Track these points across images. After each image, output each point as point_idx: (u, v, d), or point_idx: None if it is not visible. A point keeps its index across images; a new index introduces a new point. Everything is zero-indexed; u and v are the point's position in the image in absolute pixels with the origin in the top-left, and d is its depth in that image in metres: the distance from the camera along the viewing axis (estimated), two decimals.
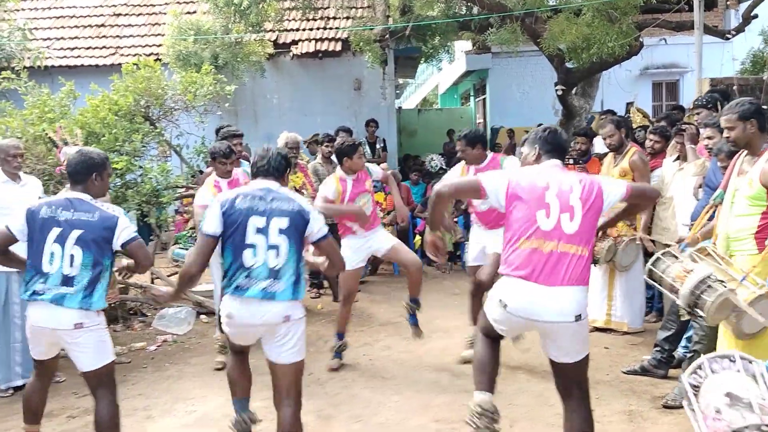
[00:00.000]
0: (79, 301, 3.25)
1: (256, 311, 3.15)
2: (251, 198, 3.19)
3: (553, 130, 3.27)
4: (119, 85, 6.54)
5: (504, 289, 3.00)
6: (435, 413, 4.15)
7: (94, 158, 3.46)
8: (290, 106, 11.31)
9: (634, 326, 5.53)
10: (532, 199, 2.97)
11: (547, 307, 2.88)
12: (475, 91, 18.55)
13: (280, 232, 3.14)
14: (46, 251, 3.28)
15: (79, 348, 3.30)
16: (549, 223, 2.93)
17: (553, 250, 2.90)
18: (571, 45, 8.40)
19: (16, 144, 5.01)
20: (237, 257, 3.14)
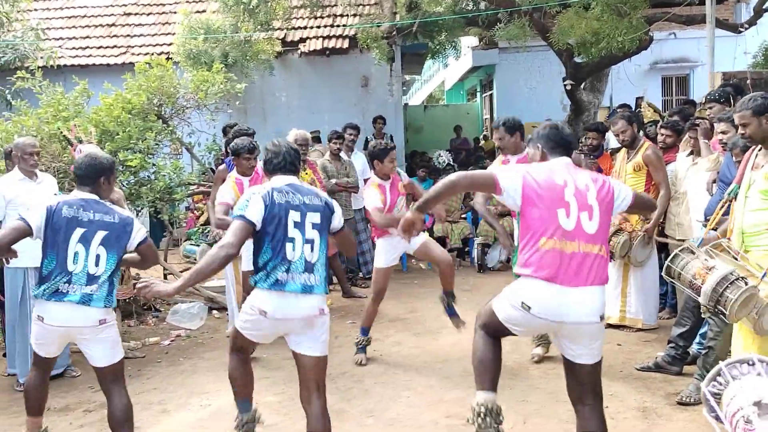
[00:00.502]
0: (103, 300, 3.38)
1: (297, 305, 3.17)
2: (285, 193, 3.21)
3: (554, 125, 3.20)
4: (132, 84, 6.59)
5: (526, 291, 2.89)
6: (446, 408, 4.17)
7: (104, 162, 3.56)
8: (298, 104, 11.34)
9: (649, 323, 5.53)
10: (551, 197, 2.88)
11: (575, 308, 2.83)
12: (482, 87, 18.52)
13: (314, 227, 3.21)
14: (71, 251, 3.35)
15: (100, 344, 3.42)
16: (570, 222, 2.86)
17: (575, 251, 2.84)
18: (580, 39, 8.38)
19: (33, 142, 5.06)
20: (278, 252, 3.14)
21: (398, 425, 4.00)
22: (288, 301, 3.15)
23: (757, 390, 2.39)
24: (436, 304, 6.79)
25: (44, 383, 3.75)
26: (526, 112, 14.71)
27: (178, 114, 6.91)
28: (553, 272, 2.82)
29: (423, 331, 5.90)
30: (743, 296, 3.06)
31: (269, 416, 4.20)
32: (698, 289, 3.29)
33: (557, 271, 2.82)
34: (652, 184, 5.41)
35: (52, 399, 4.68)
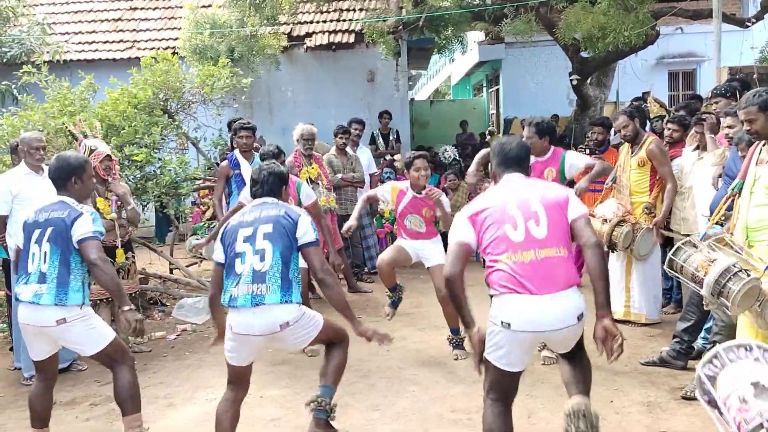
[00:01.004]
0: (53, 298, 3.31)
1: (252, 320, 3.26)
2: (242, 214, 3.36)
3: (502, 142, 3.18)
4: (138, 79, 6.60)
5: (501, 309, 2.84)
6: (452, 403, 4.17)
7: (72, 162, 3.55)
8: (304, 99, 11.34)
9: (652, 317, 5.52)
10: (496, 216, 2.91)
11: (550, 315, 2.80)
12: (488, 82, 18.48)
13: (264, 236, 3.26)
14: (30, 251, 3.42)
15: (74, 339, 3.42)
16: (518, 234, 2.87)
17: (534, 259, 2.83)
18: (586, 34, 8.35)
19: (39, 137, 5.09)
20: (230, 269, 3.31)
21: (403, 419, 4.00)
22: (244, 316, 3.16)
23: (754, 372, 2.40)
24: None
25: (45, 392, 3.65)
26: (532, 108, 14.75)
27: (184, 109, 6.92)
28: (519, 284, 2.80)
29: (428, 326, 5.90)
30: (746, 287, 3.06)
31: (273, 410, 4.22)
32: (701, 281, 3.29)
33: (522, 282, 2.80)
34: (656, 179, 5.39)
35: (58, 393, 4.70)
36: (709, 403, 2.51)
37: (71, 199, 3.49)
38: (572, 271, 2.89)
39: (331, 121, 9.70)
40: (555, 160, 4.67)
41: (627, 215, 5.42)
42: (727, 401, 2.37)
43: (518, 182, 3.05)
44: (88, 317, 3.45)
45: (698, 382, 2.56)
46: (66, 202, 3.47)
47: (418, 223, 5.01)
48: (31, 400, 3.67)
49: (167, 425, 4.10)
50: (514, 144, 3.15)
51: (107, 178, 5.12)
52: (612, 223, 5.35)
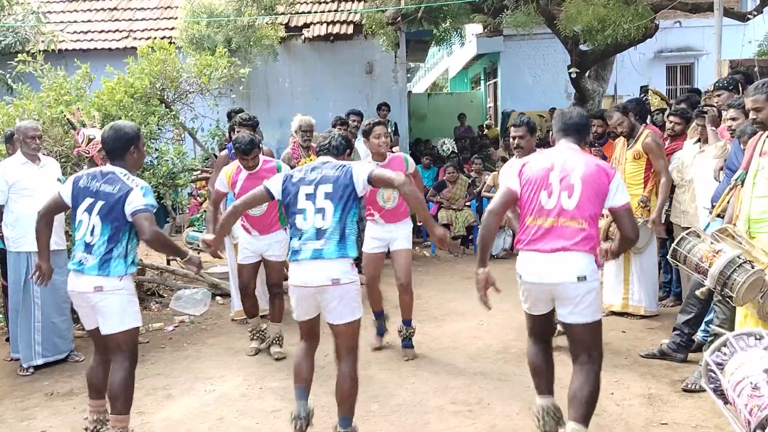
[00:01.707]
0: (96, 268, 3.36)
1: (309, 273, 3.45)
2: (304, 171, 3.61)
3: (566, 110, 3.45)
4: (134, 68, 6.53)
5: (519, 263, 3.28)
6: (452, 395, 4.16)
7: (128, 132, 3.51)
8: (302, 90, 11.28)
9: (650, 309, 5.52)
10: (537, 181, 3.22)
11: (550, 270, 3.12)
12: (486, 75, 18.42)
13: (326, 196, 3.42)
14: (77, 219, 3.46)
15: (99, 311, 3.42)
16: (551, 202, 3.17)
17: (554, 225, 3.15)
18: (586, 27, 8.31)
19: (35, 126, 5.03)
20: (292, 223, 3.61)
21: (404, 411, 3.99)
22: (304, 269, 3.34)
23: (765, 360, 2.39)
24: (439, 292, 6.82)
25: (100, 365, 3.62)
26: (530, 101, 14.74)
27: (181, 99, 6.85)
28: (533, 243, 3.18)
29: (427, 318, 5.89)
30: (751, 279, 3.05)
31: (273, 402, 4.20)
32: (704, 272, 3.28)
33: (536, 241, 3.17)
34: (651, 172, 5.38)
35: (55, 384, 4.70)
36: (715, 391, 2.49)
37: (122, 170, 3.45)
38: (586, 240, 3.12)
39: (329, 113, 9.64)
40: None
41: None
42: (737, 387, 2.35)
43: (569, 153, 3.29)
44: (125, 293, 3.45)
45: (705, 369, 2.54)
46: (117, 174, 3.43)
47: (392, 196, 4.79)
48: (87, 374, 3.69)
49: (166, 416, 4.08)
50: (575, 113, 3.42)
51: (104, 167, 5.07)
52: (609, 219, 5.34)
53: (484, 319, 5.64)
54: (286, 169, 4.84)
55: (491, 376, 4.43)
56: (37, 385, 4.73)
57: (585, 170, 3.17)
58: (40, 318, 4.94)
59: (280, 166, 5.03)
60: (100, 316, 3.43)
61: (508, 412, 3.86)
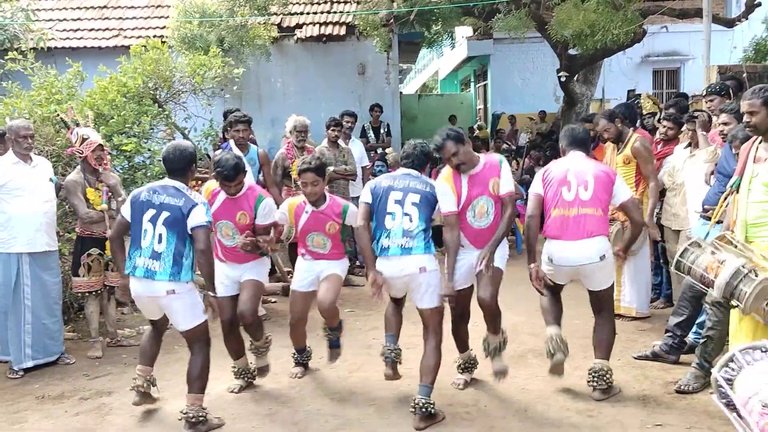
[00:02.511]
0: (167, 275, 3.74)
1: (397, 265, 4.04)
2: (391, 179, 4.20)
3: (573, 127, 4.35)
4: (127, 67, 6.48)
5: (549, 249, 4.10)
6: (449, 398, 4.16)
7: (190, 151, 3.94)
8: (294, 90, 11.25)
9: (642, 311, 5.56)
10: (557, 181, 4.08)
11: (578, 255, 3.98)
12: (476, 77, 18.51)
13: (412, 204, 4.01)
14: (143, 229, 3.80)
15: (174, 312, 3.87)
16: (570, 195, 4.02)
17: (577, 214, 3.97)
18: (576, 31, 8.39)
19: (27, 125, 4.97)
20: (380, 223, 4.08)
21: (401, 413, 3.99)
22: (393, 263, 3.96)
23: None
24: None
25: (155, 338, 4.16)
26: (519, 103, 14.83)
27: (174, 98, 6.81)
28: (561, 232, 4.01)
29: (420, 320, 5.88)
30: (758, 288, 3.09)
31: (269, 405, 4.20)
32: (710, 283, 3.31)
33: (563, 231, 4.00)
34: (642, 176, 5.43)
35: (46, 387, 4.65)
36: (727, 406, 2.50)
37: (183, 185, 3.84)
38: (602, 225, 4.01)
39: (321, 113, 9.62)
40: (496, 169, 4.00)
41: (615, 213, 5.45)
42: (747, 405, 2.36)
43: (580, 160, 4.16)
44: (194, 293, 3.88)
45: (715, 385, 2.56)
46: (180, 189, 3.82)
47: (322, 242, 4.35)
48: (142, 344, 4.18)
49: (158, 419, 4.05)
50: (581, 129, 4.34)
51: (98, 168, 5.04)
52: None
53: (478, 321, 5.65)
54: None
55: (486, 379, 4.44)
56: (28, 388, 4.67)
57: (594, 171, 4.07)
58: (30, 320, 4.89)
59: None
60: (174, 316, 3.89)
61: (505, 414, 3.88)
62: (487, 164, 4.01)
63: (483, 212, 3.98)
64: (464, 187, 3.97)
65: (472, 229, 4.01)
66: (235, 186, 4.21)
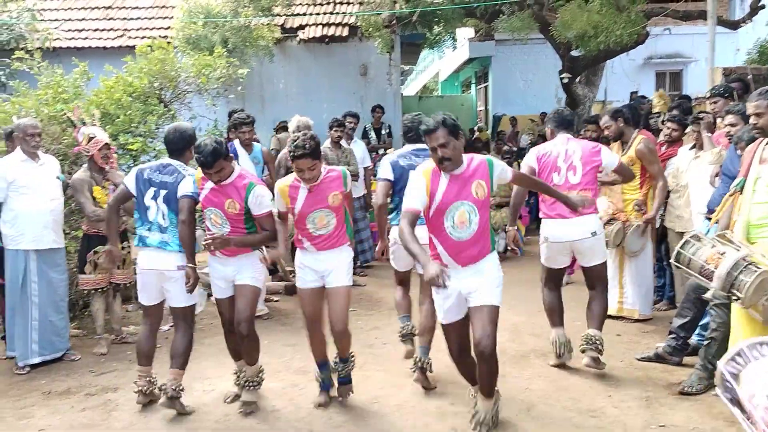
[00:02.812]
0: (178, 246, 3.97)
1: None
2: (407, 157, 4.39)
3: (559, 110, 4.82)
4: (133, 67, 6.51)
5: (544, 229, 4.56)
6: (452, 397, 4.18)
7: (189, 133, 4.13)
8: (297, 91, 11.28)
9: (644, 313, 5.58)
10: (549, 165, 4.52)
11: (572, 232, 4.39)
12: (477, 79, 18.51)
13: None
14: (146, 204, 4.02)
15: (174, 288, 4.03)
16: (560, 179, 4.45)
17: None
18: (579, 33, 8.41)
19: (35, 123, 5.01)
20: None
21: (404, 411, 4.01)
22: None
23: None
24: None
25: (151, 335, 4.22)
26: (521, 105, 14.83)
27: (179, 98, 6.84)
28: (555, 212, 4.42)
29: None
30: (759, 279, 3.10)
31: (274, 401, 4.22)
32: (709, 275, 3.33)
33: (557, 210, 4.38)
34: (647, 176, 5.45)
35: (52, 383, 4.68)
36: (731, 401, 2.51)
37: (180, 163, 4.07)
38: (591, 204, 4.31)
39: (323, 114, 9.66)
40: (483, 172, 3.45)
41: (617, 213, 5.48)
42: (753, 400, 2.37)
43: (569, 142, 4.55)
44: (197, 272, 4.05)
45: (720, 379, 2.57)
46: (175, 166, 4.05)
47: (325, 221, 3.92)
48: (138, 343, 4.27)
49: (163, 414, 4.07)
50: (566, 112, 4.81)
51: (105, 166, 5.07)
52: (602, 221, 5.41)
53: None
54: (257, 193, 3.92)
55: None
56: (34, 383, 4.71)
57: (582, 153, 4.46)
58: (37, 316, 4.92)
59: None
60: (172, 291, 4.04)
61: (508, 413, 3.89)
62: (472, 165, 3.42)
63: (464, 221, 3.37)
64: (441, 187, 3.37)
65: (451, 241, 3.40)
66: (216, 173, 3.82)
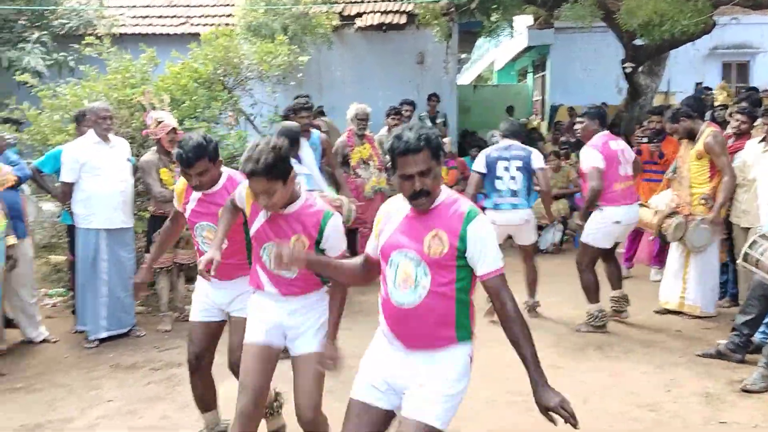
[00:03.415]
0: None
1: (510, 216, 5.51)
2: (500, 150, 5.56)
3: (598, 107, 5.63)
4: (198, 54, 6.67)
5: (616, 214, 5.18)
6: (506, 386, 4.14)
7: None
8: (353, 79, 11.32)
9: (707, 311, 5.44)
10: (614, 159, 5.21)
11: (633, 215, 5.29)
12: (534, 68, 18.21)
13: (517, 168, 5.38)
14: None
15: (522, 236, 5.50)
16: (623, 170, 5.24)
17: (629, 186, 5.28)
18: (644, 21, 8.18)
19: (106, 107, 5.22)
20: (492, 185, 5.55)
21: None
22: (506, 214, 5.39)
23: None
24: None
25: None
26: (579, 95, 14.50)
27: (241, 84, 6.99)
28: (625, 199, 5.21)
29: (476, 310, 5.90)
30: None
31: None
32: None
33: (625, 197, 5.21)
34: (717, 171, 5.29)
35: (120, 357, 4.90)
36: None
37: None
38: (636, 192, 5.55)
39: (378, 102, 9.68)
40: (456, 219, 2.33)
41: (680, 207, 5.35)
42: None
43: (619, 141, 5.42)
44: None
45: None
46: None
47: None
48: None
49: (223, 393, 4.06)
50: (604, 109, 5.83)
51: (171, 149, 5.22)
52: (661, 215, 5.31)
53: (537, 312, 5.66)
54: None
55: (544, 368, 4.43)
56: (102, 357, 4.94)
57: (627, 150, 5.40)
58: (106, 293, 5.14)
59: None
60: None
61: None
62: (445, 204, 2.37)
63: (407, 280, 2.33)
64: (391, 226, 2.42)
65: (390, 305, 2.38)
66: (197, 176, 3.06)
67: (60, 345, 5.23)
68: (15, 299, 5.16)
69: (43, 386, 4.42)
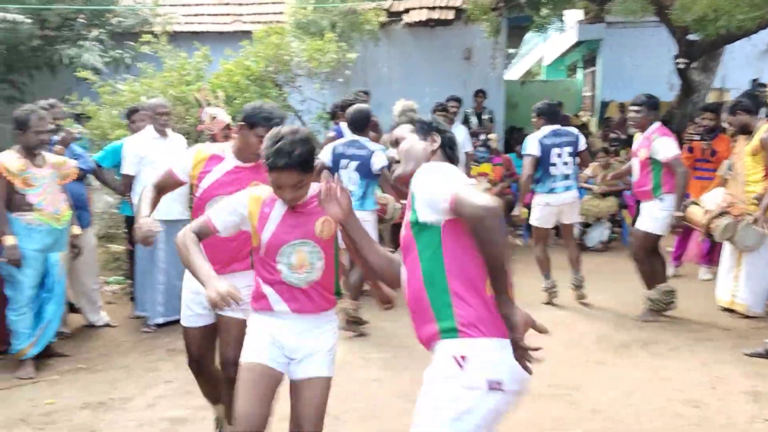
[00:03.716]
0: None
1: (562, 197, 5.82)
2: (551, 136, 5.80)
3: (655, 97, 5.65)
4: (249, 51, 6.87)
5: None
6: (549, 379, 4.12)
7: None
8: (399, 75, 11.38)
9: (756, 310, 5.34)
10: None
11: None
12: (584, 63, 17.95)
13: (569, 154, 5.74)
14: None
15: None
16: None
17: None
18: (699, 16, 8.01)
19: (164, 103, 5.46)
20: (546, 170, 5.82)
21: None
22: (557, 196, 5.74)
23: None
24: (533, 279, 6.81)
25: None
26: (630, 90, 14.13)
27: (290, 82, 7.15)
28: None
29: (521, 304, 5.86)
30: None
31: (376, 372, 4.41)
32: None
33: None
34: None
35: (175, 342, 5.06)
36: None
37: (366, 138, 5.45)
38: None
39: (425, 98, 9.72)
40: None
41: (731, 206, 5.25)
42: None
43: None
44: None
45: None
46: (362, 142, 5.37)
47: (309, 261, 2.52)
48: None
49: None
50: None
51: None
52: (711, 214, 5.22)
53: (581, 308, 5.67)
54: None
55: (588, 363, 4.47)
56: (159, 341, 5.17)
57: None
58: (162, 281, 5.37)
59: None
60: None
61: (608, 398, 3.91)
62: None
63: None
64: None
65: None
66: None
67: (119, 329, 5.50)
68: (78, 286, 5.45)
69: (104, 367, 4.67)
